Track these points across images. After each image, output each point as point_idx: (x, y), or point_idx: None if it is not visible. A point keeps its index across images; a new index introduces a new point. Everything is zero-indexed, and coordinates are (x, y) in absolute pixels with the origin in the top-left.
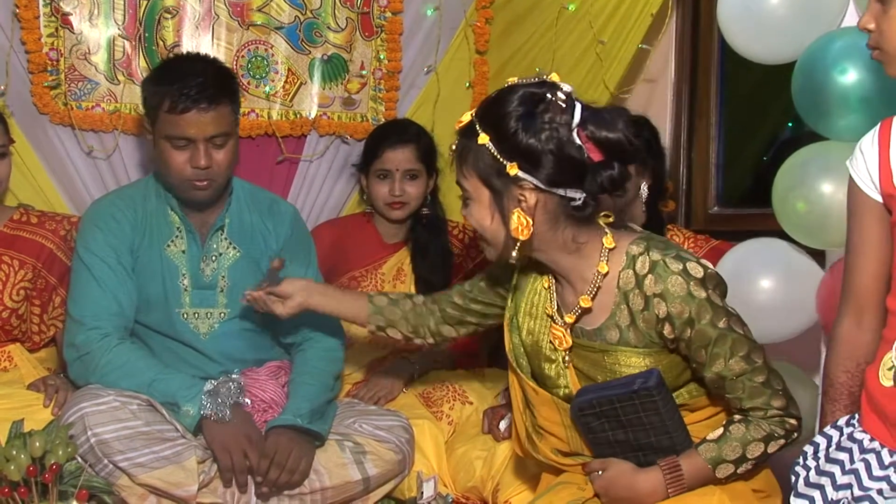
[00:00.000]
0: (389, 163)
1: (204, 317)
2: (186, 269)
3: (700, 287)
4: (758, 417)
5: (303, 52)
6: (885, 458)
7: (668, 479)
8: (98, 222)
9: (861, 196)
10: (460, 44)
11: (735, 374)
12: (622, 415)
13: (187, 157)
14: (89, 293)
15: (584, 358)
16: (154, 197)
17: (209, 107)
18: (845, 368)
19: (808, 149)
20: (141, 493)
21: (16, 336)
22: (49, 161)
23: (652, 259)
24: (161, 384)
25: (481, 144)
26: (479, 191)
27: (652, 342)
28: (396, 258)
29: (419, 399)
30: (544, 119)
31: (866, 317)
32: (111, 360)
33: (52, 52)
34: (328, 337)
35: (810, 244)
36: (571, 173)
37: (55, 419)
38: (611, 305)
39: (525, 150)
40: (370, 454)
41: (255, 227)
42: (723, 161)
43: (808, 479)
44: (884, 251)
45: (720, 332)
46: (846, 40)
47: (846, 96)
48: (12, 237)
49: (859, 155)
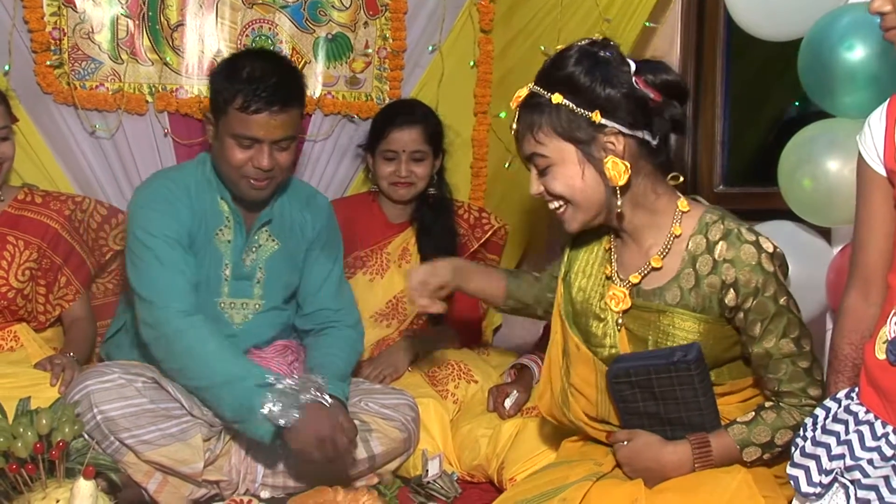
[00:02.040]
0: (396, 144)
1: (239, 307)
2: (229, 258)
3: (770, 261)
4: (790, 405)
5: (307, 31)
6: (878, 429)
7: (696, 453)
8: (155, 205)
9: (868, 171)
10: (465, 23)
11: (783, 354)
12: (656, 386)
13: (250, 155)
14: (154, 272)
15: (638, 318)
16: (205, 184)
17: (280, 110)
18: (850, 341)
19: (815, 126)
20: (147, 469)
21: (21, 316)
22: (53, 141)
23: (727, 227)
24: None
25: (556, 104)
26: (563, 150)
27: (710, 308)
28: (402, 238)
29: (424, 378)
30: (609, 69)
31: (873, 290)
32: (189, 348)
33: (55, 32)
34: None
35: (816, 222)
36: (643, 115)
37: (61, 397)
38: (677, 267)
39: (603, 98)
40: (376, 432)
41: (295, 219)
42: (728, 139)
43: (805, 450)
44: (890, 226)
45: (779, 308)
46: (854, 16)
47: (853, 73)
48: (17, 217)
49: (867, 130)
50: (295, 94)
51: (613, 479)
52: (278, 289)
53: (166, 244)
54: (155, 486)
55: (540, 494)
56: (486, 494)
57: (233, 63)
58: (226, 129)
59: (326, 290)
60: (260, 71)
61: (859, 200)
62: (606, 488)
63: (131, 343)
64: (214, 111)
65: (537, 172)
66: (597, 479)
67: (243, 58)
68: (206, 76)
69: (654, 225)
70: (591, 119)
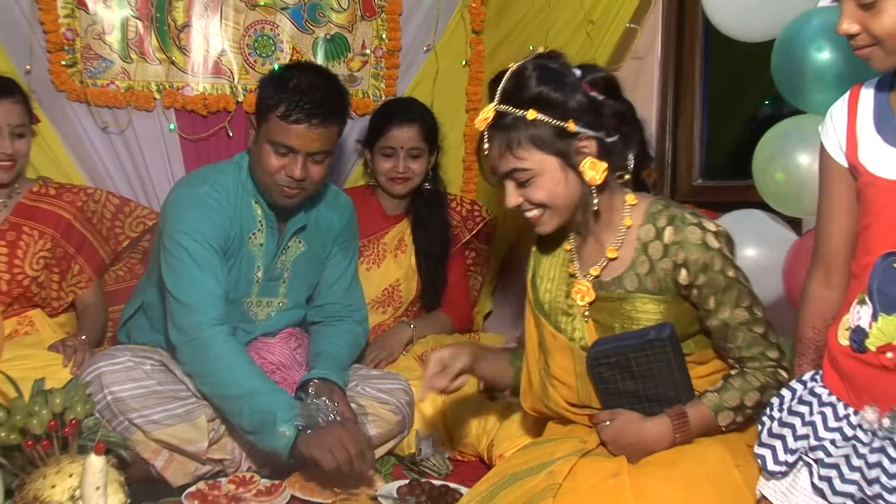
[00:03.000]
0: (394, 140)
1: (265, 305)
2: (261, 261)
3: (715, 238)
4: (753, 369)
5: (307, 31)
6: (839, 411)
7: (675, 425)
8: (195, 208)
9: (831, 162)
10: (457, 24)
11: (738, 323)
12: (634, 365)
13: (284, 163)
14: (192, 277)
15: (603, 309)
16: (241, 188)
17: (320, 124)
18: (813, 325)
19: (787, 122)
20: (154, 447)
21: (36, 302)
22: (66, 136)
23: (671, 213)
24: (261, 399)
25: (532, 119)
26: (545, 161)
27: (667, 289)
28: (398, 229)
29: (418, 361)
30: (567, 79)
31: (835, 277)
32: (218, 357)
33: (68, 33)
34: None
35: (787, 212)
36: (600, 116)
37: (74, 378)
38: (631, 256)
39: (571, 108)
40: (371, 415)
41: (321, 220)
42: (706, 136)
43: (772, 430)
44: (851, 215)
45: (729, 281)
46: (822, 18)
47: (822, 72)
48: (32, 208)
49: (829, 122)
50: (336, 111)
51: (598, 456)
52: (302, 288)
53: (205, 249)
54: (162, 462)
55: (528, 468)
56: (476, 471)
57: (283, 73)
58: (265, 135)
59: (339, 287)
60: (307, 84)
61: (822, 190)
62: (591, 463)
63: (150, 325)
64: (258, 116)
65: (516, 185)
66: (582, 455)
67: (294, 69)
68: (210, 74)
69: (610, 220)
70: (566, 129)
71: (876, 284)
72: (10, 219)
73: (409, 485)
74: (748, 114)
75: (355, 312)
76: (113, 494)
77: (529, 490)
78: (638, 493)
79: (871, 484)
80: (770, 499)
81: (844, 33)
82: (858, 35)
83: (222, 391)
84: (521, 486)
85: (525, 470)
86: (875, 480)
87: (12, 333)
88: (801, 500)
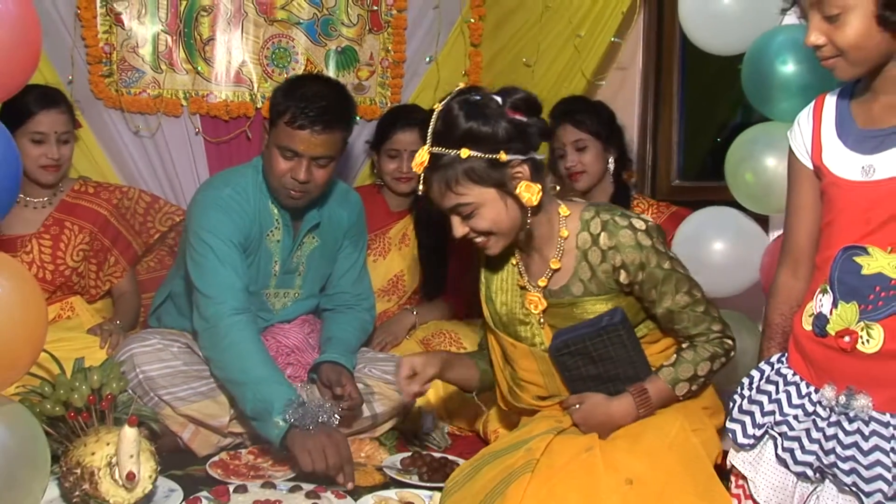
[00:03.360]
0: (399, 143)
1: (282, 296)
2: (278, 256)
3: (646, 236)
4: (702, 342)
5: (320, 44)
6: (802, 389)
7: (637, 401)
8: (218, 209)
9: (797, 164)
10: (457, 37)
11: (681, 307)
12: (593, 350)
13: (291, 167)
14: (215, 271)
15: (556, 314)
16: (258, 189)
17: (323, 130)
18: (780, 312)
19: (756, 128)
20: (182, 421)
21: (76, 290)
22: (103, 139)
23: (602, 219)
24: (264, 388)
25: (466, 157)
26: (483, 193)
27: (610, 289)
28: (402, 224)
29: (420, 345)
30: (490, 110)
31: (801, 269)
32: (232, 344)
33: (106, 47)
34: (364, 311)
35: (756, 210)
36: (527, 137)
37: (109, 358)
38: (573, 264)
39: (500, 138)
40: (378, 394)
41: (334, 217)
42: (683, 140)
43: (742, 407)
44: (816, 213)
45: (666, 273)
46: (787, 35)
47: (787, 83)
48: (73, 205)
49: (797, 127)
50: (340, 119)
51: (571, 433)
52: (316, 279)
53: (227, 246)
54: (188, 435)
55: (508, 447)
56: (472, 445)
57: (294, 82)
58: (274, 140)
59: (349, 277)
60: (313, 93)
61: (790, 190)
62: (566, 440)
63: (178, 311)
64: (269, 122)
65: (460, 218)
66: (557, 434)
67: (304, 79)
68: (232, 83)
69: (549, 233)
70: (498, 160)
71: (836, 275)
72: (53, 215)
73: (411, 457)
74: (721, 120)
75: (364, 301)
76: (145, 462)
77: (509, 466)
78: (609, 465)
79: (827, 454)
80: (739, 468)
81: (812, 45)
82: (824, 46)
83: (232, 376)
84: (501, 463)
85: (505, 448)
86: (831, 451)
87: (55, 318)
88: (766, 470)
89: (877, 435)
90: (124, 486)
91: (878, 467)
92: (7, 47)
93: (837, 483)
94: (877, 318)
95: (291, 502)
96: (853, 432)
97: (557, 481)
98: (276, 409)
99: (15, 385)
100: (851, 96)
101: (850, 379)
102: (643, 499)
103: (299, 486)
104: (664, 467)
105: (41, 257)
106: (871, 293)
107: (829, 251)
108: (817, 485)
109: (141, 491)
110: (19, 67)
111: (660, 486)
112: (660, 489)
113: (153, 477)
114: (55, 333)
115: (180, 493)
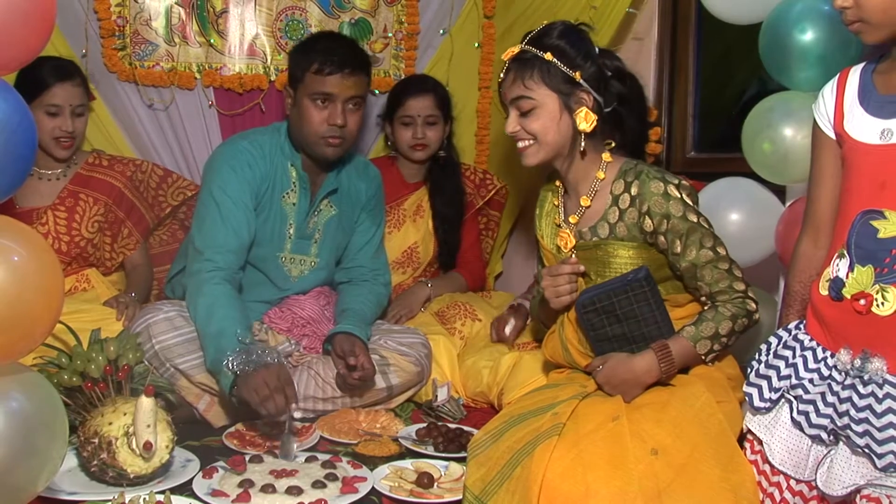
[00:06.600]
0: (412, 109)
1: (298, 263)
2: (293, 219)
3: (676, 189)
4: (724, 301)
5: (333, 16)
6: (818, 354)
7: (659, 356)
8: (234, 165)
9: (821, 135)
10: (470, 9)
11: (704, 262)
12: (618, 308)
13: (326, 115)
14: (214, 228)
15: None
16: (278, 150)
17: (351, 72)
18: (800, 280)
19: (773, 97)
20: (197, 392)
21: (91, 262)
22: (117, 112)
23: (638, 170)
24: (222, 341)
25: (549, 60)
26: (547, 97)
27: (635, 236)
28: (417, 195)
29: (435, 317)
30: (586, 45)
31: (822, 237)
32: (205, 296)
33: (119, 20)
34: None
35: (773, 180)
36: (604, 86)
37: (125, 329)
38: (604, 207)
39: (581, 64)
40: (393, 366)
41: (352, 187)
42: (699, 111)
43: (759, 371)
44: (838, 182)
45: (691, 225)
46: (805, 3)
47: (805, 52)
48: (87, 177)
49: (821, 100)
50: (363, 62)
51: (597, 398)
52: (332, 249)
53: (233, 203)
54: (204, 406)
55: (535, 409)
56: (487, 416)
57: (309, 40)
58: (304, 93)
59: (366, 251)
60: (331, 42)
61: (813, 160)
62: (592, 405)
63: None
64: (292, 83)
65: (518, 114)
66: (583, 398)
67: (316, 36)
68: (246, 56)
69: (588, 175)
70: (573, 77)
71: (854, 239)
72: (68, 187)
73: (426, 428)
74: (737, 90)
75: (380, 276)
76: (161, 432)
77: (536, 429)
78: (635, 434)
79: (841, 416)
80: (755, 432)
81: (839, 7)
82: (850, 10)
83: (199, 330)
84: (528, 425)
85: (532, 411)
86: (845, 413)
87: (72, 290)
88: (781, 433)
89: (890, 398)
90: (141, 456)
91: (890, 429)
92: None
93: (851, 445)
94: (892, 280)
95: (307, 472)
96: (867, 395)
97: (584, 447)
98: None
99: (32, 356)
100: (875, 67)
101: (864, 342)
102: (668, 469)
103: (315, 455)
104: (689, 439)
105: (57, 228)
106: (886, 256)
107: (847, 216)
108: (831, 448)
109: (158, 460)
110: (34, 34)
111: (684, 457)
112: (684, 460)
113: (170, 447)
114: (72, 305)
115: (197, 462)
